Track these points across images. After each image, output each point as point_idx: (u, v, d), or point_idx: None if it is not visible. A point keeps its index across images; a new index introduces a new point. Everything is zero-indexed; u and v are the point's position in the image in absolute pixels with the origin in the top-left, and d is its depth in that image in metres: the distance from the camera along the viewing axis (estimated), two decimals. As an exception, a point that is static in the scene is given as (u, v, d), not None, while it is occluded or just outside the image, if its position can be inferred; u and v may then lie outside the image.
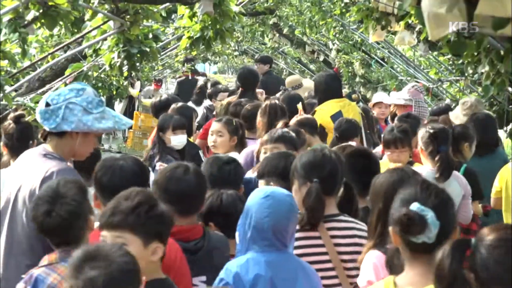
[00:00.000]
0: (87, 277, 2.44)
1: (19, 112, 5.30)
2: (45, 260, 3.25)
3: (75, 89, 3.92)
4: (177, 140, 6.50)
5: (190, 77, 15.91)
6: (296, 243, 3.79)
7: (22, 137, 5.05)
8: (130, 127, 18.26)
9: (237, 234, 3.62)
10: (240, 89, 8.56)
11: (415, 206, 2.65)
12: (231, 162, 4.75)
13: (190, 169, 3.85)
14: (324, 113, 7.14)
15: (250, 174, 5.21)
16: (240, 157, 5.79)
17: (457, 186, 5.36)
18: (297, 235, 3.79)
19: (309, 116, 6.68)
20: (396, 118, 7.12)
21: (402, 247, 2.76)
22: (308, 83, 10.27)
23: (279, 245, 3.53)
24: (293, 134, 5.45)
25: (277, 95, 9.56)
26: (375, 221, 3.46)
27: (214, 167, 4.64)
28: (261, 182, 4.37)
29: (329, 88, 7.44)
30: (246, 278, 3.43)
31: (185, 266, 3.52)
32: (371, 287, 3.00)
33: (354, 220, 3.94)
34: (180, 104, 7.93)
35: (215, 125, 6.37)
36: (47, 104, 3.85)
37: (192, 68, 16.75)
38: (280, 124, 6.00)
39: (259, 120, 6.59)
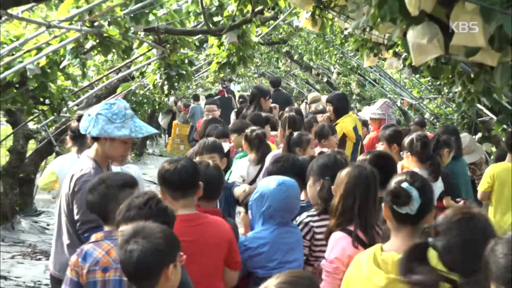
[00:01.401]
0: (128, 249, 2.58)
1: (80, 113, 5.53)
2: (93, 237, 3.30)
3: (108, 103, 3.96)
4: None
5: (226, 95, 16.14)
6: (318, 223, 3.86)
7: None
8: (170, 135, 18.37)
9: (249, 212, 3.86)
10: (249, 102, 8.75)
11: (404, 184, 2.85)
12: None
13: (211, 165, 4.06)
14: (347, 125, 7.45)
15: None
16: (267, 159, 5.70)
17: (441, 183, 5.43)
18: (316, 218, 3.88)
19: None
20: (382, 127, 7.10)
21: (390, 218, 2.89)
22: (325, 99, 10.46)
23: (289, 219, 3.84)
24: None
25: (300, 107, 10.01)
26: (337, 202, 3.54)
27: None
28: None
29: (345, 105, 7.87)
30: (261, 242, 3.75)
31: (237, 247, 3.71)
32: (362, 253, 3.00)
33: None
34: (210, 116, 8.05)
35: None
36: (88, 115, 3.93)
37: (227, 87, 17.48)
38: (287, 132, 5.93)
39: (280, 129, 6.56)
